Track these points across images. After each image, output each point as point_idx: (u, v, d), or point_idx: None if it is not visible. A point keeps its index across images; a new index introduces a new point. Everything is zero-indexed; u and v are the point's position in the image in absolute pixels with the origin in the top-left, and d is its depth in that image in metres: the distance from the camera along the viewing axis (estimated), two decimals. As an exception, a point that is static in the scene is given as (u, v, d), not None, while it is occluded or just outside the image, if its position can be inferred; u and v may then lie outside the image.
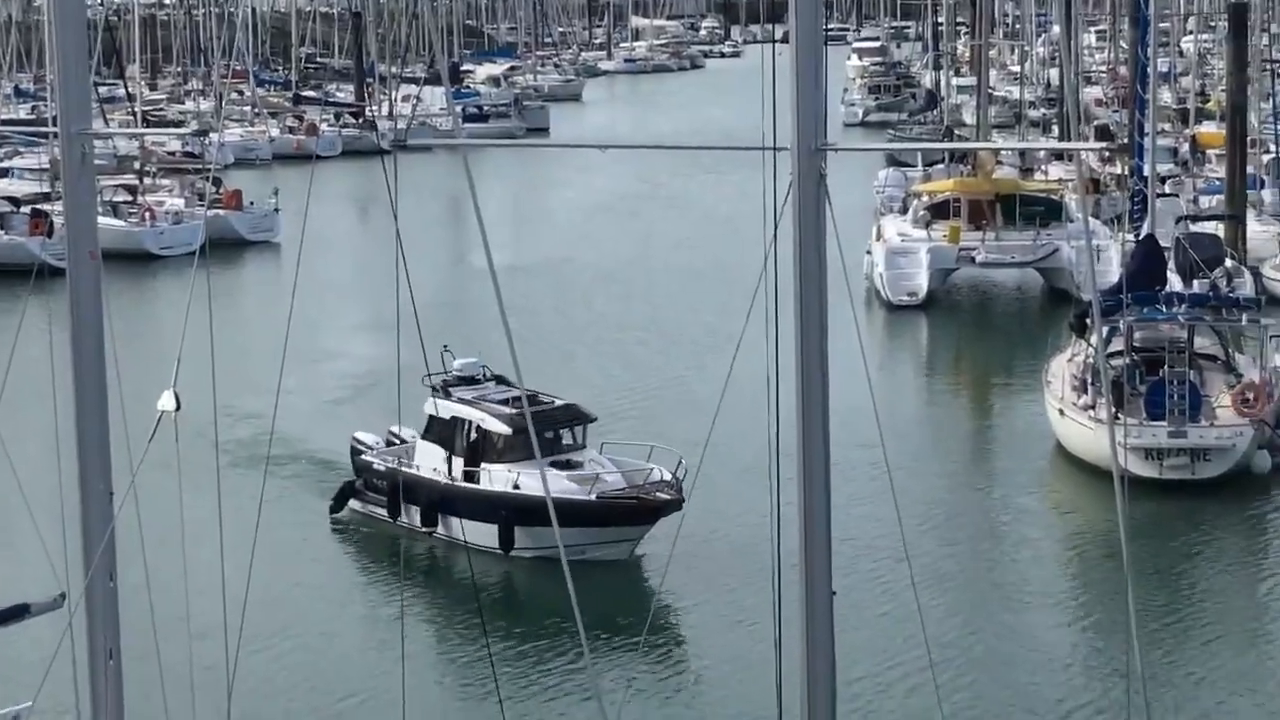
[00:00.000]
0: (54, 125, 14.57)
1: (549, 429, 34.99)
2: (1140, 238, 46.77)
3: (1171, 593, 33.42)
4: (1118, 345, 42.52)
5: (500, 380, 36.64)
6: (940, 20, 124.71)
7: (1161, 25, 73.24)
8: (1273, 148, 72.60)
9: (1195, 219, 61.92)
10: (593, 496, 33.54)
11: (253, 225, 76.60)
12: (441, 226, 77.45)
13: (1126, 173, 54.04)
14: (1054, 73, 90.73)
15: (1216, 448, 39.67)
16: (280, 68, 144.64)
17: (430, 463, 36.03)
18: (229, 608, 15.74)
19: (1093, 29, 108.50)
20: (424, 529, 35.61)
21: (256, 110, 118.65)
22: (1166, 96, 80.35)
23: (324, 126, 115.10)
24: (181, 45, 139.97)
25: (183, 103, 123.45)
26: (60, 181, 14.76)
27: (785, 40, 11.07)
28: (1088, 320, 40.31)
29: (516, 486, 34.06)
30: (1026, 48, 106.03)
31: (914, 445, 43.68)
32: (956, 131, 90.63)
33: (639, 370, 50.98)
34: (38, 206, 68.97)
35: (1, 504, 20.48)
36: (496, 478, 34.58)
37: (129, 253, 65.05)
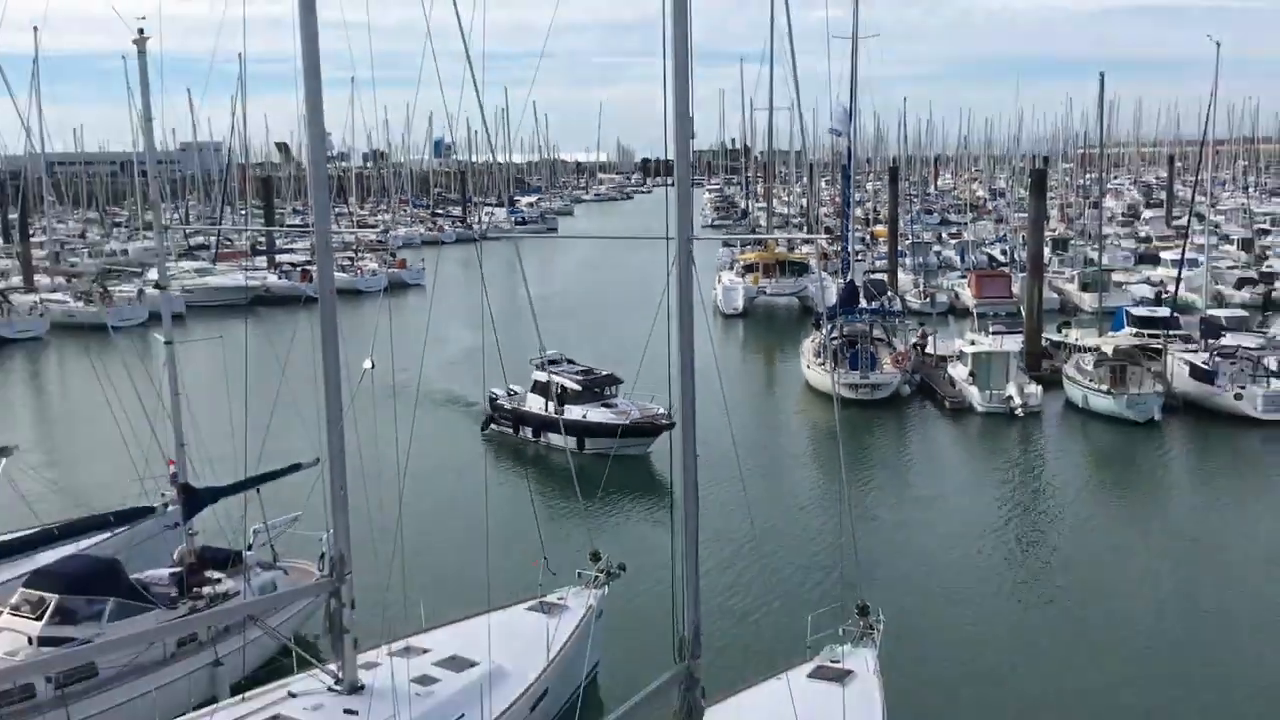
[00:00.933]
0: (312, 226, 14.42)
1: (600, 387, 33.32)
2: (846, 281, 46.90)
3: (865, 459, 33.18)
4: (837, 333, 42.74)
5: (570, 361, 35.05)
6: (749, 174, 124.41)
7: (856, 178, 73.45)
8: (909, 236, 73.07)
9: (873, 272, 62.19)
10: (627, 421, 31.30)
11: (412, 276, 75.72)
12: (506, 277, 76.42)
13: (839, 250, 54.19)
14: (804, 201, 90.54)
15: (883, 383, 39.77)
16: (424, 198, 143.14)
17: (536, 405, 33.81)
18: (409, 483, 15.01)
19: (823, 179, 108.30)
20: (534, 439, 33.68)
21: (412, 219, 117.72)
22: (859, 212, 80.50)
23: (446, 226, 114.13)
24: (376, 186, 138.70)
25: (377, 214, 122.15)
26: (315, 253, 14.66)
27: (673, 184, 11.02)
28: (821, 321, 40.34)
29: (585, 417, 31.96)
30: (790, 188, 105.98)
31: (739, 381, 43.74)
32: (756, 229, 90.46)
33: (600, 351, 50.64)
34: (305, 267, 68.23)
35: (289, 424, 20.36)
36: (574, 413, 32.16)
37: (348, 290, 64.27)
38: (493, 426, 34.79)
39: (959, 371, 40.71)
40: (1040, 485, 30.61)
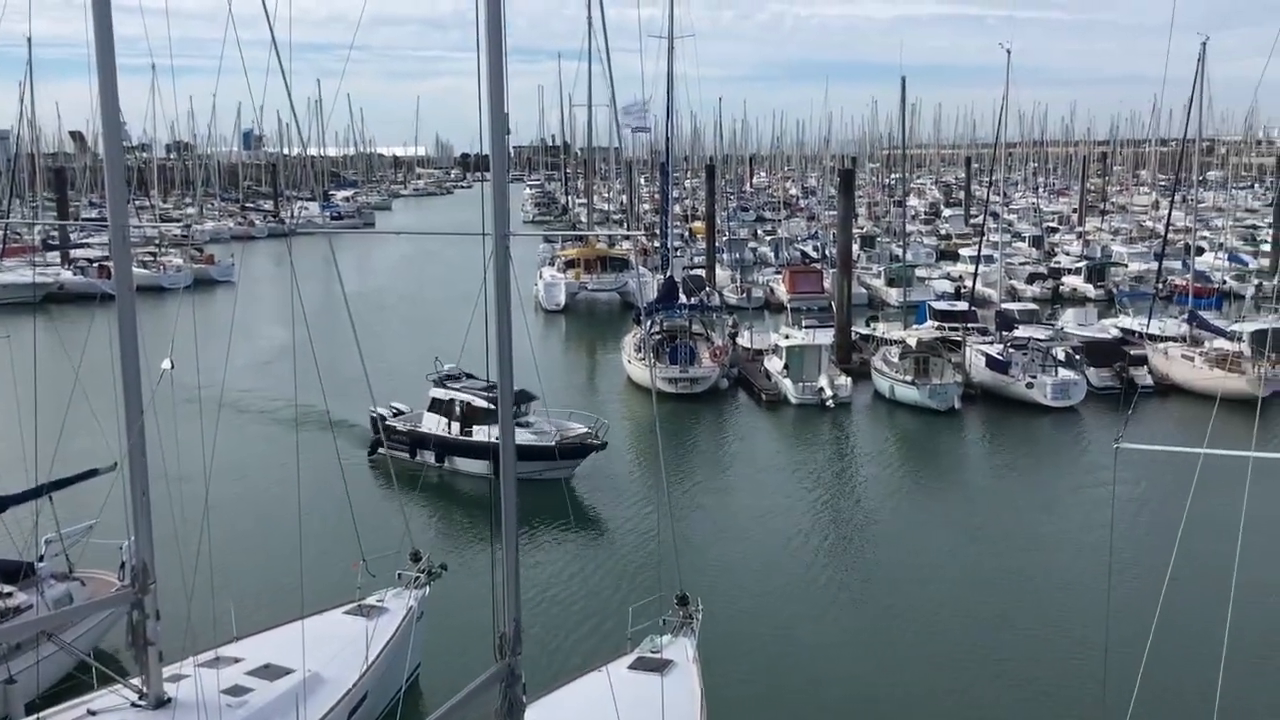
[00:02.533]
0: (109, 220, 13.72)
1: (516, 404, 28.82)
2: (666, 277, 47.45)
3: (685, 452, 33.56)
4: (657, 328, 43.15)
5: (469, 375, 30.92)
6: (569, 171, 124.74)
7: (676, 174, 74.53)
8: (727, 233, 74.55)
9: (692, 268, 63.34)
10: (554, 442, 28.62)
11: (221, 272, 72.63)
12: (321, 273, 74.22)
13: (659, 246, 54.91)
14: (624, 197, 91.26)
15: (702, 376, 40.26)
16: (234, 191, 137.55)
17: (435, 426, 30.35)
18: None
19: (642, 175, 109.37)
20: (436, 464, 30.11)
21: (220, 213, 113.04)
22: (678, 209, 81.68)
23: (257, 221, 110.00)
24: (181, 178, 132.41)
25: (181, 208, 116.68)
26: (112, 249, 13.94)
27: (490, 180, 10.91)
28: (641, 317, 40.63)
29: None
30: (611, 185, 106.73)
31: (560, 376, 43.52)
32: (576, 225, 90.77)
33: (419, 348, 49.77)
34: (103, 262, 64.69)
35: (84, 428, 19.09)
36: (484, 434, 28.87)
37: (149, 287, 61.04)
38: (381, 450, 30.25)
39: (774, 365, 41.61)
40: (851, 473, 31.71)
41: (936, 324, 45.77)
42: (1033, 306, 49.76)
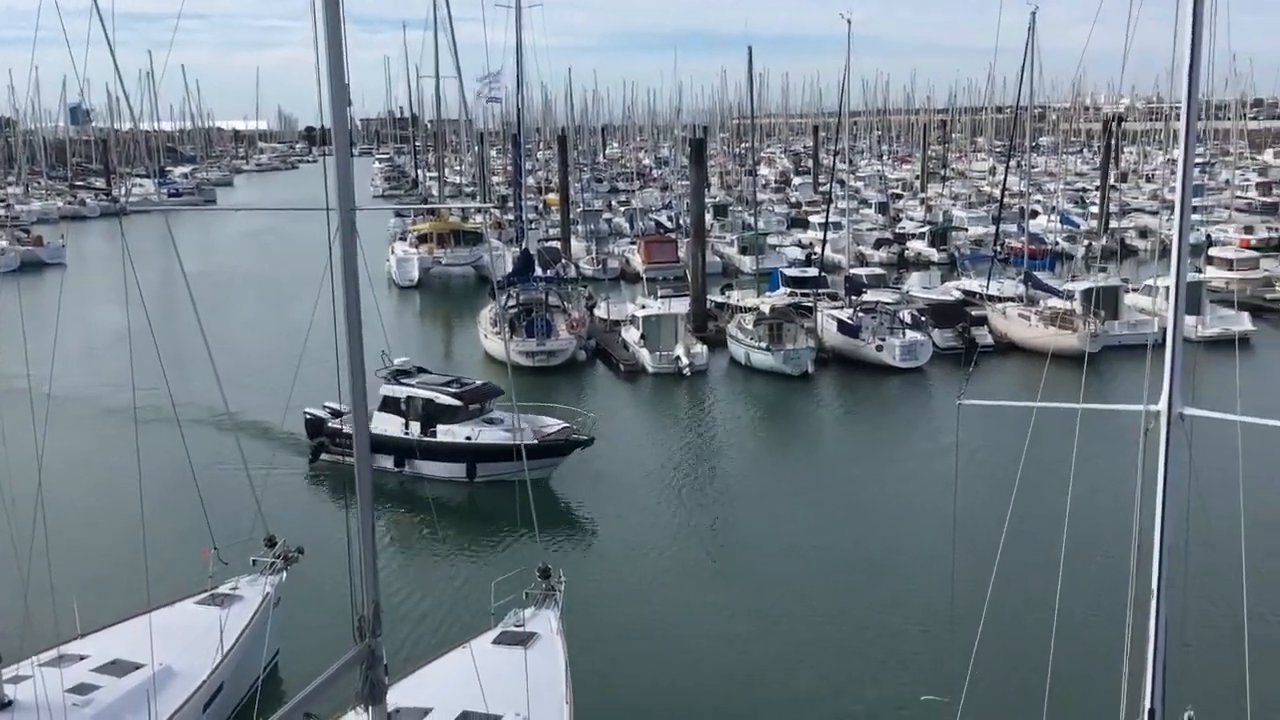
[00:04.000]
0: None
1: (479, 400, 28.24)
2: (520, 250, 47.15)
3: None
4: (513, 302, 42.83)
5: (421, 369, 29.76)
6: (419, 144, 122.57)
7: (527, 146, 74.03)
8: (581, 204, 74.44)
9: (546, 240, 63.03)
10: (536, 440, 27.00)
11: (50, 254, 68.86)
12: (158, 253, 71.03)
13: (513, 218, 54.52)
14: (476, 170, 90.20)
15: (559, 350, 40.33)
16: (62, 168, 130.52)
17: (391, 427, 27.88)
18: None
19: (494, 148, 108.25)
20: (395, 470, 27.87)
21: (47, 191, 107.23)
22: (531, 181, 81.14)
23: (88, 199, 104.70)
24: (2, 156, 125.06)
25: (3, 187, 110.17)
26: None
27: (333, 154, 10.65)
28: (496, 290, 40.34)
29: (473, 438, 27.21)
30: (462, 157, 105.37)
31: (416, 352, 42.55)
32: (428, 199, 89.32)
33: (266, 329, 48.38)
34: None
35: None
36: (453, 434, 27.48)
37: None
38: (325, 457, 28.49)
39: (631, 335, 41.83)
40: (709, 441, 32.21)
41: (789, 290, 46.49)
42: (880, 271, 51.18)
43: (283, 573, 17.57)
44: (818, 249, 55.82)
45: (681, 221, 68.98)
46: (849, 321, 40.95)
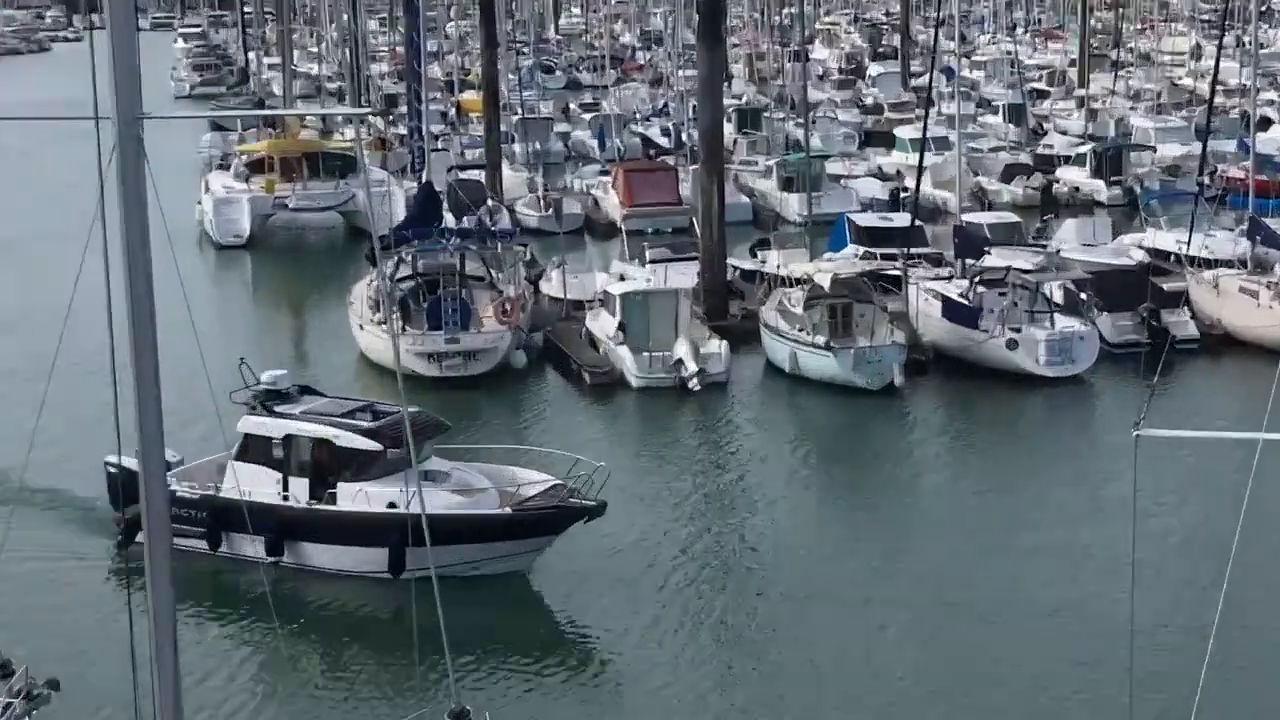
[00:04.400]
0: None
1: (412, 441, 26.73)
2: (420, 184, 47.03)
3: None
4: (406, 271, 42.70)
5: (307, 390, 30.00)
6: (249, 9, 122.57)
7: (429, 13, 74.06)
8: (519, 110, 74.43)
9: (463, 168, 63.15)
10: (507, 509, 27.15)
11: None
12: None
13: (407, 132, 54.44)
14: (347, 52, 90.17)
15: (483, 349, 40.40)
16: None
17: (260, 486, 27.91)
18: None
19: (374, 17, 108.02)
20: (265, 558, 27.11)
21: None
22: (436, 70, 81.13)
23: None
24: None
25: None
26: None
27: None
28: (378, 253, 39.55)
29: (392, 505, 26.80)
30: (322, 32, 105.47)
31: (244, 351, 42.99)
32: (267, 102, 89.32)
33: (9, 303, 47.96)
34: None
35: None
36: (374, 497, 27.25)
37: None
38: (140, 539, 27.70)
39: (602, 325, 41.83)
40: (730, 509, 31.91)
41: (862, 251, 46.29)
42: (1012, 219, 51.12)
43: (28, 717, 17.53)
44: (909, 183, 55.81)
45: (685, 137, 69.04)
46: (962, 302, 41.00)
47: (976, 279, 42.10)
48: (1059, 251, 47.37)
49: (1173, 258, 47.55)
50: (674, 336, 40.11)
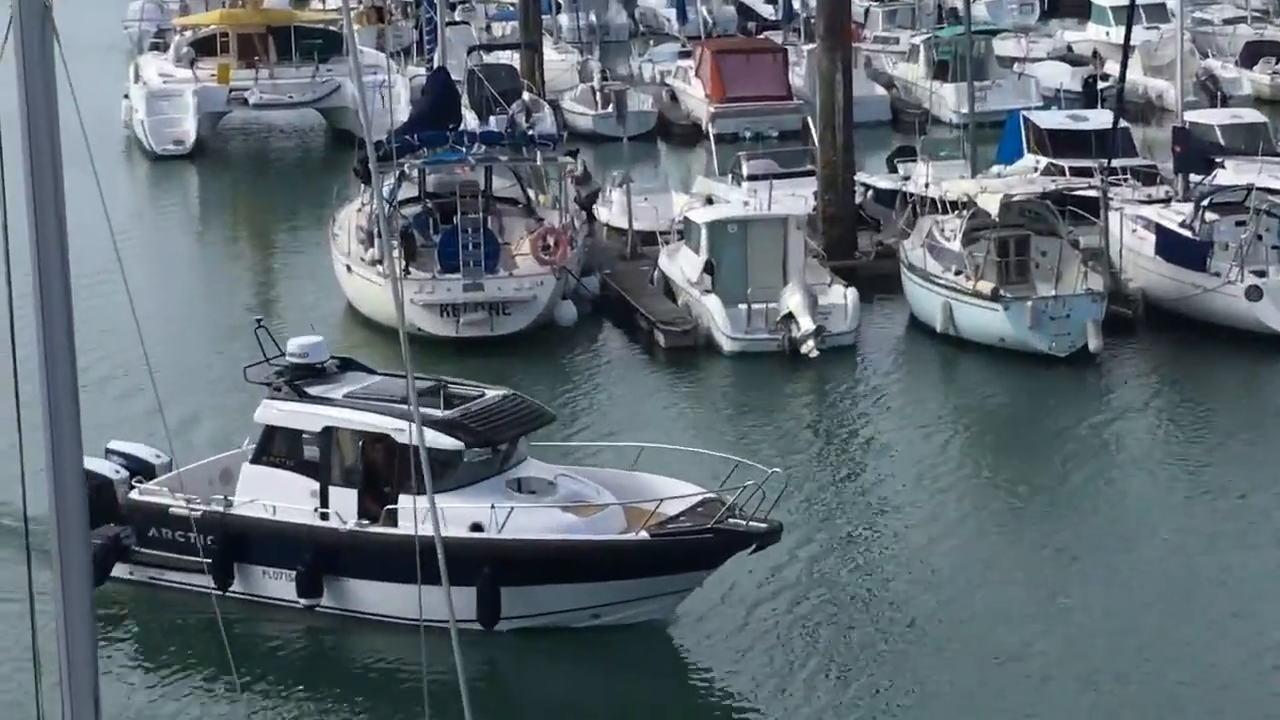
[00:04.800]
0: None
1: (510, 437, 27.74)
2: (431, 71, 47.10)
3: None
4: (411, 191, 43.24)
5: (349, 364, 29.35)
6: None
7: None
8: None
9: (489, 48, 63.06)
10: (642, 533, 26.06)
11: None
12: None
13: (416, 2, 54.59)
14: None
15: (517, 299, 40.43)
16: None
17: (287, 500, 27.32)
18: None
19: None
20: (297, 601, 26.93)
21: None
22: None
23: None
24: None
25: None
26: None
27: None
28: (371, 164, 38.87)
29: (477, 528, 26.28)
30: None
31: (191, 304, 44.22)
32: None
33: None
34: None
35: None
36: (450, 517, 24.65)
37: None
38: (123, 570, 27.94)
39: (682, 264, 42.09)
40: (863, 530, 31.70)
41: (1045, 163, 46.51)
42: (1255, 118, 51.04)
43: None
44: (1110, 68, 55.40)
45: (798, 6, 68.77)
46: (1185, 234, 41.04)
47: (1205, 203, 41.92)
48: None
49: None
50: (782, 282, 40.24)
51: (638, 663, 26.37)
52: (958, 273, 40.16)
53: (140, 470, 28.55)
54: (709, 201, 44.73)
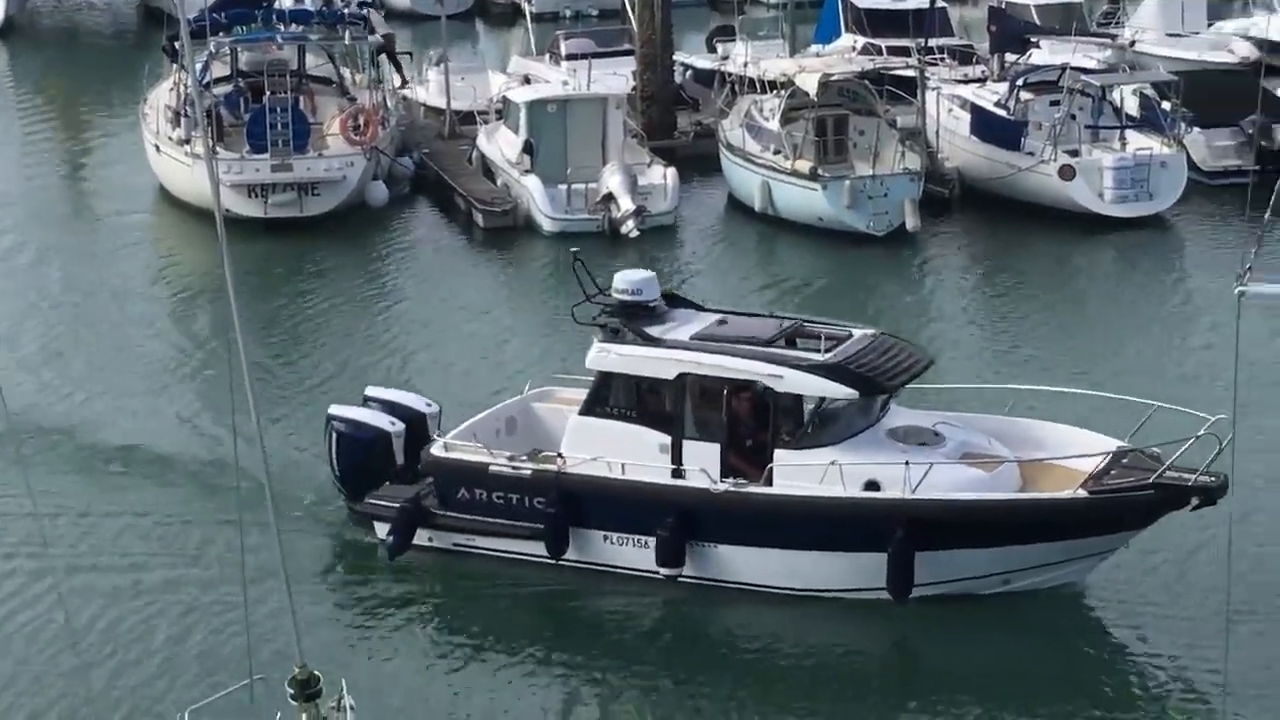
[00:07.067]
0: None
1: (902, 383, 25.25)
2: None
3: (302, 361, 33.27)
4: (221, 70, 42.34)
5: (677, 300, 26.75)
6: None
7: None
8: None
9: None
10: (1080, 492, 23.67)
11: None
12: None
13: None
14: None
15: (327, 179, 39.93)
16: None
17: (630, 455, 24.85)
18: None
19: None
20: (656, 571, 24.70)
21: None
22: None
23: None
24: None
25: None
26: None
27: None
28: (182, 42, 39.43)
29: (873, 486, 24.12)
30: None
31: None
32: None
33: None
34: None
35: None
36: (848, 474, 23.84)
37: None
38: (430, 541, 25.81)
39: (502, 146, 41.84)
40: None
41: (862, 42, 46.41)
42: (1067, -2, 51.26)
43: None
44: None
45: None
46: (1000, 114, 41.13)
47: (1020, 83, 42.14)
48: (1134, 44, 47.97)
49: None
50: (601, 162, 40.19)
51: (1052, 631, 24.02)
52: (776, 152, 40.03)
53: (410, 420, 26.10)
54: (527, 81, 44.36)
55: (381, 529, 25.13)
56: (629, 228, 38.66)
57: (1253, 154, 41.25)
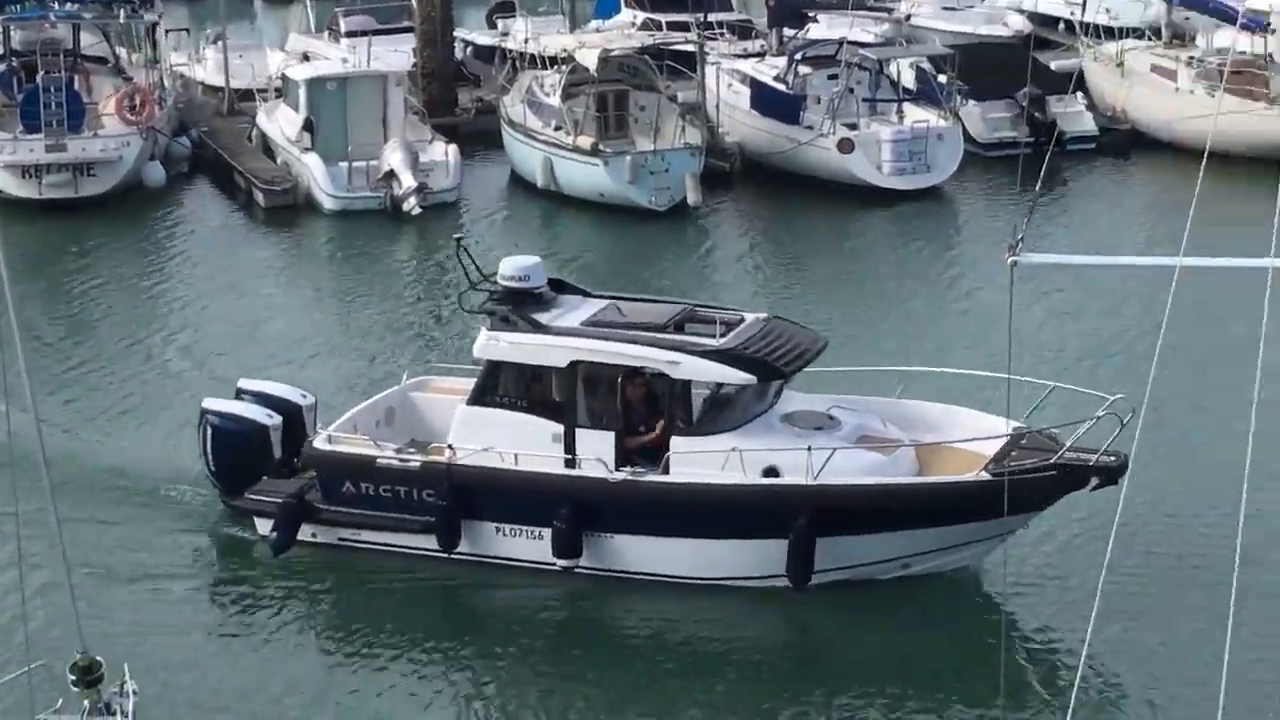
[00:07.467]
0: None
1: (799, 368, 24.55)
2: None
3: (72, 344, 32.63)
4: (-2, 52, 41.70)
5: (563, 286, 26.00)
6: None
7: None
8: None
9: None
10: (982, 474, 23.32)
11: None
12: None
13: None
14: None
15: (102, 159, 39.39)
16: None
17: (520, 445, 24.25)
18: None
19: None
20: (552, 563, 24.23)
21: None
22: None
23: None
24: None
25: None
26: None
27: None
28: None
29: (772, 472, 23.75)
30: None
31: None
32: None
33: None
34: None
35: None
36: (749, 462, 23.43)
37: None
38: (308, 531, 24.95)
39: (282, 124, 41.58)
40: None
41: (642, 18, 46.50)
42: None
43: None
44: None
45: None
46: (778, 88, 41.25)
47: (798, 57, 42.25)
48: (909, 18, 48.42)
49: (1062, 26, 48.47)
50: (382, 139, 40.09)
51: (950, 614, 23.85)
52: (557, 128, 40.10)
53: (286, 413, 25.37)
54: (306, 59, 44.02)
55: (263, 525, 24.48)
56: (411, 205, 38.51)
57: (1026, 127, 41.66)
